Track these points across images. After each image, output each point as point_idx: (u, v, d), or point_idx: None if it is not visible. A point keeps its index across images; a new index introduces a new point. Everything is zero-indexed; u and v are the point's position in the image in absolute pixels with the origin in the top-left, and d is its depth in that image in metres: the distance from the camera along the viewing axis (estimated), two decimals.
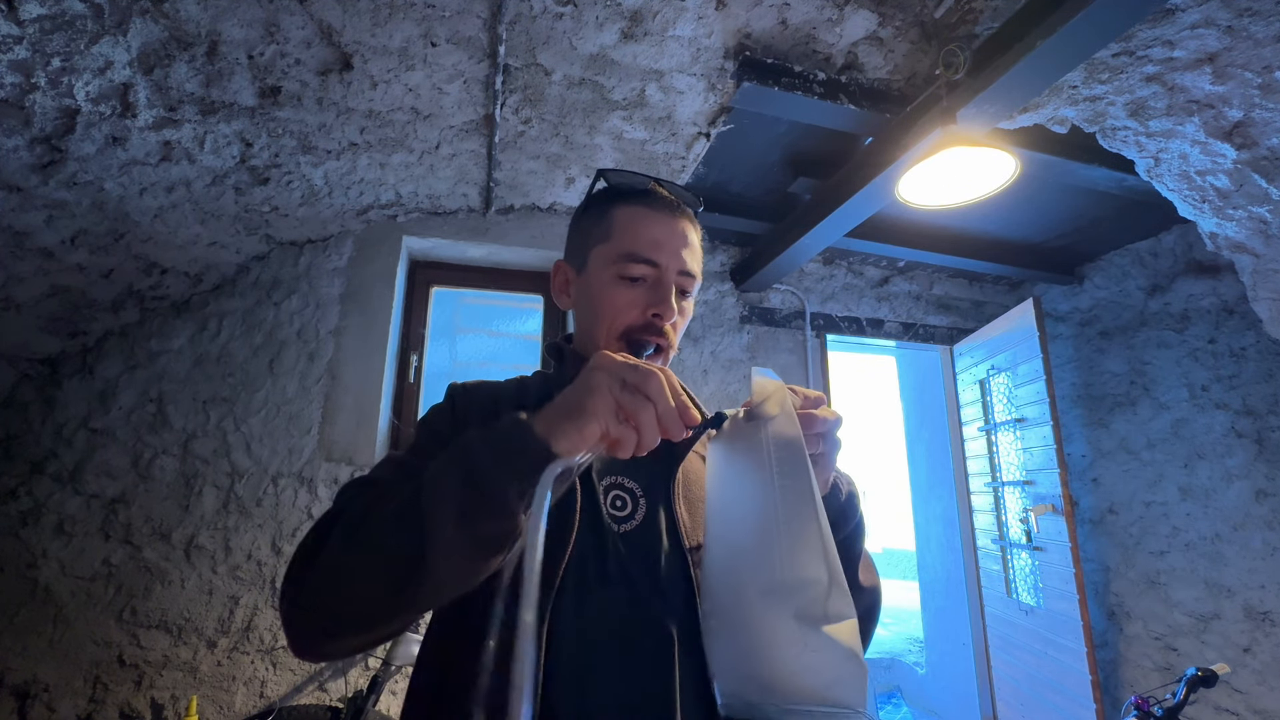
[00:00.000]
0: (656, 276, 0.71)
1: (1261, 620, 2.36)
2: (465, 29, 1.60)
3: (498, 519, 0.49)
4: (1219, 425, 2.58)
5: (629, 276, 0.71)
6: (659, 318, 0.70)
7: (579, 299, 0.77)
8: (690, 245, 0.75)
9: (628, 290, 0.71)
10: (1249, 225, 1.91)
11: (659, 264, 0.71)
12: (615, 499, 0.67)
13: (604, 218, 0.75)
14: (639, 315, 0.71)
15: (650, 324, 0.70)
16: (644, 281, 0.71)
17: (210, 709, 1.99)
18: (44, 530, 2.05)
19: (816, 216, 2.32)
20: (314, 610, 0.53)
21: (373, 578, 0.51)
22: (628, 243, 0.72)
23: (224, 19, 1.44)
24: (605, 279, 0.72)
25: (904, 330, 3.28)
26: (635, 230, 0.72)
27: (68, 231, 1.81)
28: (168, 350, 2.27)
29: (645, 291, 0.71)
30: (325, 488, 2.25)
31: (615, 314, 0.71)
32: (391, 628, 0.54)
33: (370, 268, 2.49)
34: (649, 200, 0.74)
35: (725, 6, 1.59)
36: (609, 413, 0.50)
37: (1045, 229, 2.88)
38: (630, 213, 0.73)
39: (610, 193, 0.77)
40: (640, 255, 0.71)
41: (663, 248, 0.71)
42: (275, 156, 1.93)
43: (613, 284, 0.72)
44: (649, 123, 2.04)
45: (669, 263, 0.71)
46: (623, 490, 0.68)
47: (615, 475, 0.69)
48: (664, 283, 0.71)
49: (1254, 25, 1.41)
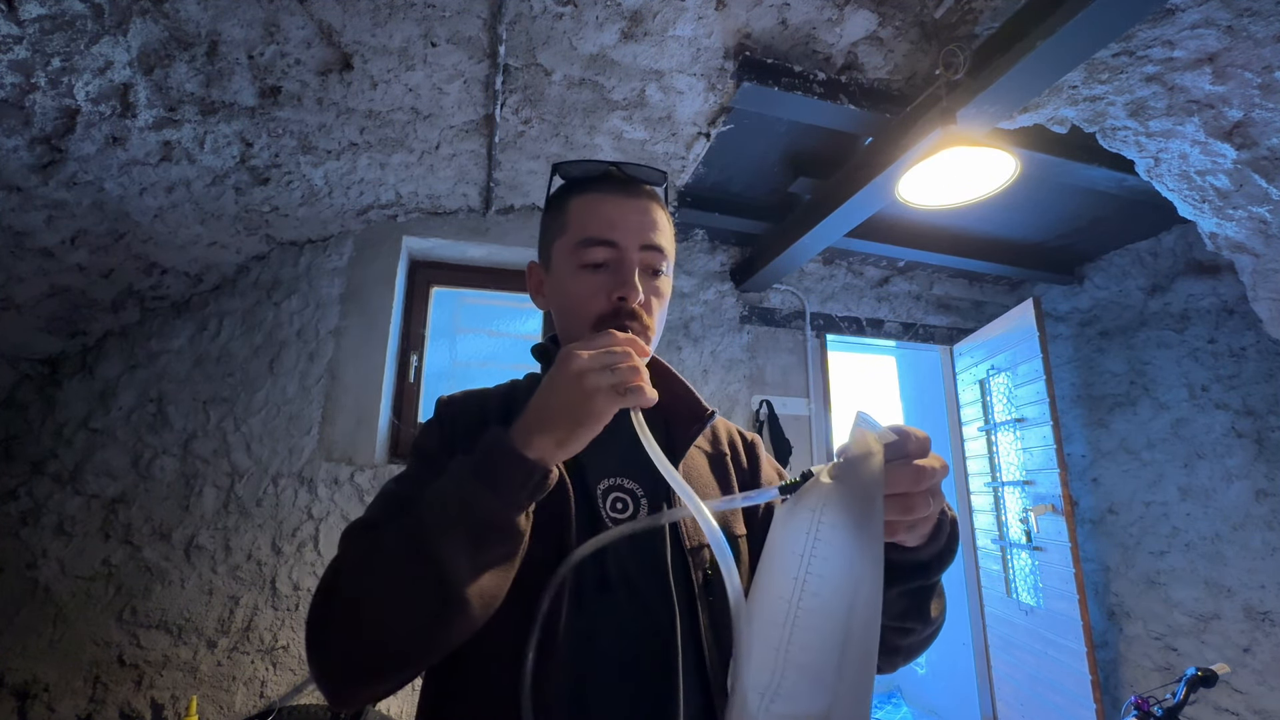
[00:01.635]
0: (617, 258, 0.68)
1: (1261, 620, 2.36)
2: (465, 29, 1.60)
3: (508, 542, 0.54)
4: (1219, 425, 2.58)
5: (589, 263, 0.68)
6: (624, 300, 0.66)
7: (551, 297, 0.74)
8: (653, 220, 0.70)
9: (590, 277, 0.68)
10: (1249, 225, 1.91)
11: (616, 243, 0.68)
12: (615, 501, 0.66)
13: (561, 210, 0.72)
14: (605, 302, 0.67)
15: (619, 309, 0.66)
16: (605, 267, 0.68)
17: (210, 709, 1.99)
18: (44, 530, 2.05)
19: (816, 216, 2.32)
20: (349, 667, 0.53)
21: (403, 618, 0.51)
22: (582, 228, 0.69)
23: (224, 19, 1.44)
24: (568, 271, 0.70)
25: (904, 330, 3.28)
26: (588, 215, 0.69)
27: (68, 231, 1.81)
28: (168, 350, 2.27)
29: (608, 276, 0.68)
30: (325, 488, 2.25)
31: (581, 305, 0.68)
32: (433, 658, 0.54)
33: (370, 268, 2.49)
34: (602, 185, 0.71)
35: (725, 6, 1.58)
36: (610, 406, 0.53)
37: (1045, 229, 2.88)
38: (584, 200, 0.71)
39: (568, 185, 0.75)
40: (595, 237, 0.68)
41: (618, 226, 0.68)
42: (275, 156, 1.93)
43: (575, 275, 0.69)
44: (649, 123, 2.04)
45: (627, 240, 0.68)
46: (623, 492, 0.67)
47: (615, 477, 0.68)
48: (625, 262, 0.67)
49: (1254, 25, 1.41)
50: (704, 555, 0.66)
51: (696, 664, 0.61)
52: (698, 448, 0.77)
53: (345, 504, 2.25)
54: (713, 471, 0.76)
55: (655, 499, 0.68)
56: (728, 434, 0.82)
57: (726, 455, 0.78)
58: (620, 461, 0.68)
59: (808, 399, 2.96)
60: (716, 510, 0.54)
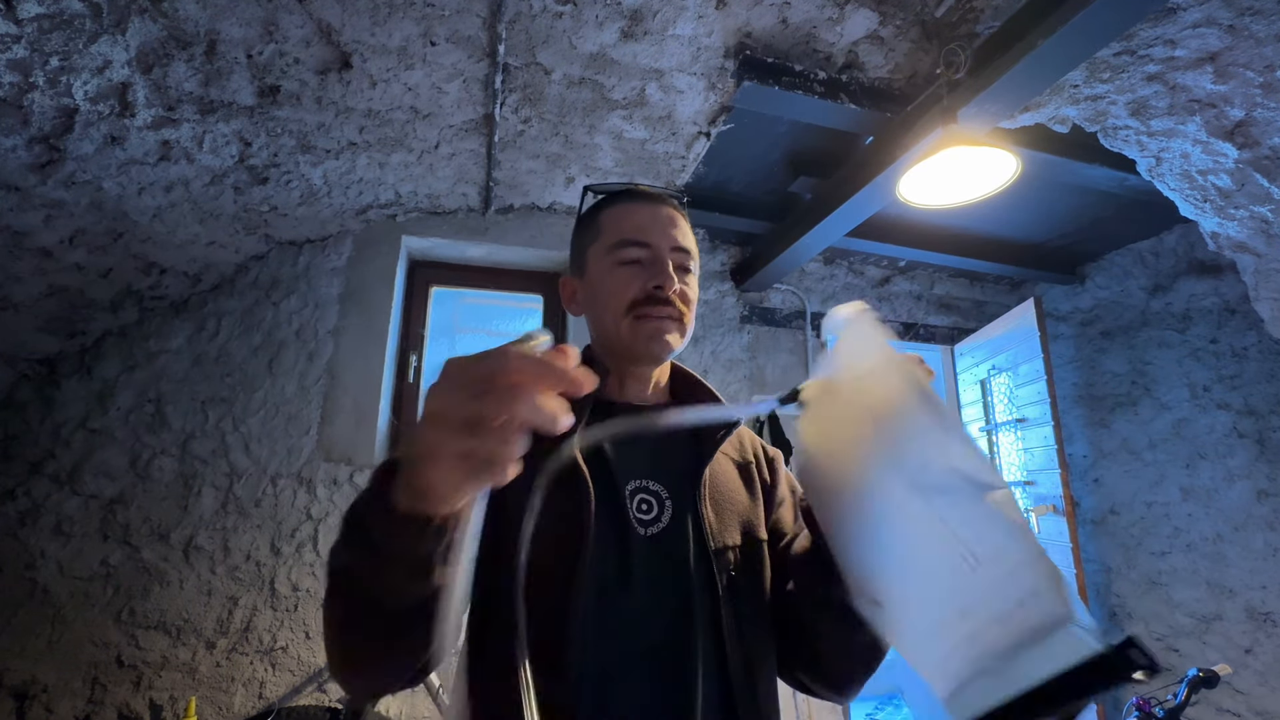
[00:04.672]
0: (651, 255, 0.74)
1: (1263, 621, 2.35)
2: (465, 28, 1.59)
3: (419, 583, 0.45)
4: (1221, 425, 2.58)
5: (624, 261, 0.74)
6: (660, 288, 0.72)
7: (585, 302, 0.80)
8: (679, 226, 0.77)
9: (625, 270, 0.74)
10: (1251, 225, 1.90)
11: (650, 243, 0.74)
12: (641, 502, 0.69)
13: (593, 222, 0.79)
14: (640, 289, 0.72)
15: (653, 295, 0.72)
16: (639, 263, 0.74)
17: (209, 710, 1.99)
18: (42, 531, 2.04)
19: (817, 216, 2.32)
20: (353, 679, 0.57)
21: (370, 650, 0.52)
22: (617, 232, 0.75)
23: (223, 18, 1.44)
24: (603, 270, 0.75)
25: (905, 330, 3.28)
26: (622, 220, 0.76)
27: (66, 231, 1.80)
28: (166, 350, 2.26)
29: (642, 269, 0.74)
30: (324, 488, 2.24)
31: (616, 295, 0.73)
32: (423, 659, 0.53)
33: (369, 267, 2.48)
34: (631, 196, 0.79)
35: (725, 5, 1.58)
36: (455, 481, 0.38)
37: (1046, 229, 2.88)
38: (616, 209, 0.78)
39: (598, 202, 0.82)
40: (630, 239, 0.74)
41: (650, 229, 0.75)
42: (274, 156, 1.92)
43: (610, 271, 0.74)
44: (649, 122, 2.04)
45: (659, 240, 0.74)
46: (648, 494, 0.70)
47: (641, 479, 0.70)
48: (659, 258, 0.74)
49: (1255, 24, 1.40)
50: (728, 558, 0.68)
51: (718, 664, 0.62)
52: (724, 454, 0.79)
53: (344, 504, 2.24)
54: (740, 478, 0.79)
55: (679, 501, 0.70)
56: (752, 445, 0.85)
57: (751, 465, 0.82)
58: (649, 463, 0.71)
59: None
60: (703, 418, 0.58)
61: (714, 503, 0.71)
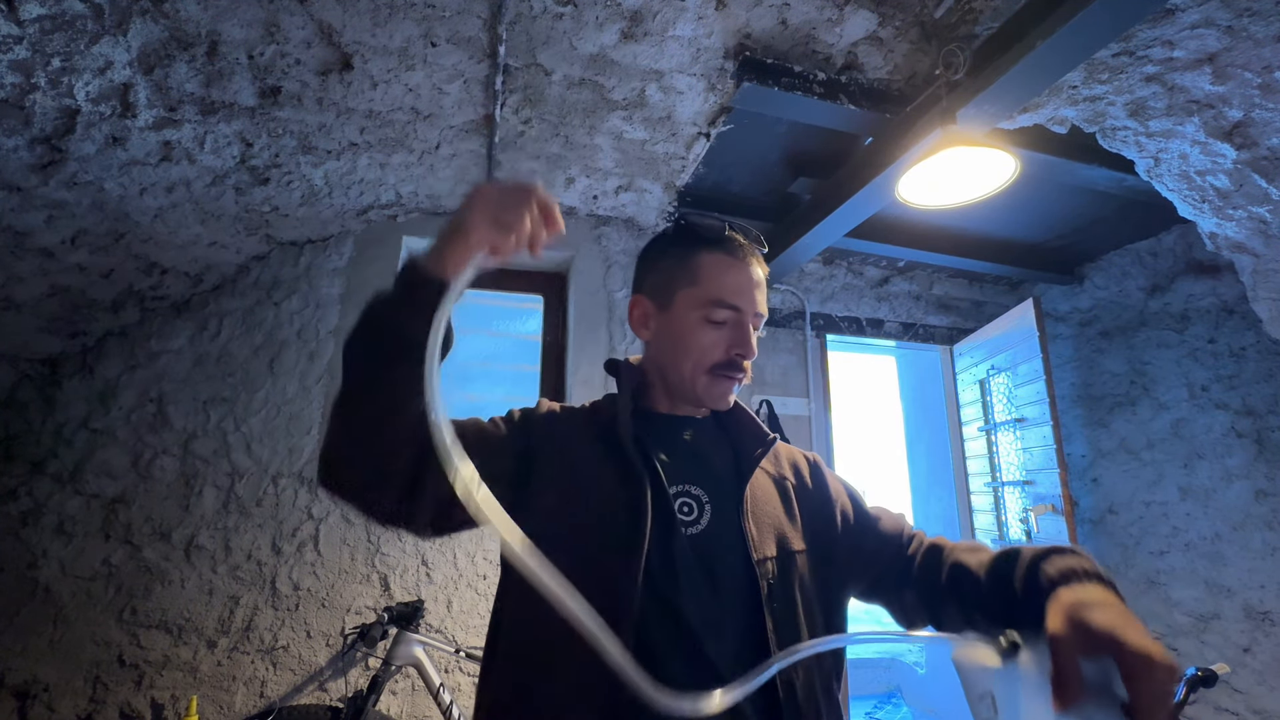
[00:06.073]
0: (738, 319, 0.80)
1: (1261, 620, 2.36)
2: (465, 29, 1.60)
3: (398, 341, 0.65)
4: (1219, 425, 2.58)
5: (715, 320, 0.80)
6: (741, 356, 0.80)
7: (660, 332, 0.84)
8: (762, 287, 0.83)
9: (713, 331, 0.80)
10: (1249, 225, 1.91)
11: (741, 309, 0.80)
12: (683, 505, 0.75)
13: (687, 262, 0.82)
14: (724, 353, 0.80)
15: (733, 361, 0.80)
16: (726, 325, 0.80)
17: (210, 709, 1.99)
18: (44, 530, 2.05)
19: (816, 216, 2.32)
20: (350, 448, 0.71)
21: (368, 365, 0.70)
22: (714, 290, 0.80)
23: (224, 19, 1.45)
24: (692, 321, 0.81)
25: (904, 330, 3.28)
26: (720, 278, 0.80)
27: (68, 231, 1.81)
28: (168, 350, 2.27)
29: (728, 332, 0.80)
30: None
31: (703, 352, 0.80)
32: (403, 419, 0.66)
33: (370, 268, 2.49)
34: (729, 247, 0.82)
35: (725, 6, 1.59)
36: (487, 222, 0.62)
37: (1045, 229, 2.88)
38: (714, 260, 0.81)
39: (691, 236, 0.84)
40: (726, 302, 0.79)
41: (743, 294, 0.80)
42: (275, 156, 1.93)
43: (699, 326, 0.80)
44: (649, 123, 2.04)
45: (749, 307, 0.81)
46: (689, 498, 0.76)
47: (683, 484, 0.77)
48: (744, 325, 0.80)
49: (1254, 25, 1.41)
50: (768, 567, 0.73)
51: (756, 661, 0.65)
52: (763, 469, 0.84)
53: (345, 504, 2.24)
54: (775, 491, 0.83)
55: (718, 504, 0.76)
56: (789, 458, 0.89)
57: (788, 480, 0.86)
58: (691, 469, 0.79)
59: (808, 399, 2.95)
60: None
61: (755, 517, 0.76)
